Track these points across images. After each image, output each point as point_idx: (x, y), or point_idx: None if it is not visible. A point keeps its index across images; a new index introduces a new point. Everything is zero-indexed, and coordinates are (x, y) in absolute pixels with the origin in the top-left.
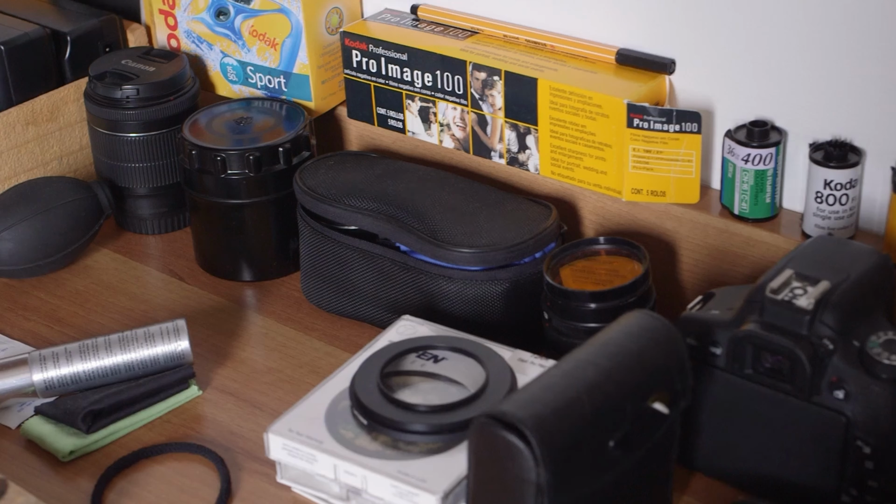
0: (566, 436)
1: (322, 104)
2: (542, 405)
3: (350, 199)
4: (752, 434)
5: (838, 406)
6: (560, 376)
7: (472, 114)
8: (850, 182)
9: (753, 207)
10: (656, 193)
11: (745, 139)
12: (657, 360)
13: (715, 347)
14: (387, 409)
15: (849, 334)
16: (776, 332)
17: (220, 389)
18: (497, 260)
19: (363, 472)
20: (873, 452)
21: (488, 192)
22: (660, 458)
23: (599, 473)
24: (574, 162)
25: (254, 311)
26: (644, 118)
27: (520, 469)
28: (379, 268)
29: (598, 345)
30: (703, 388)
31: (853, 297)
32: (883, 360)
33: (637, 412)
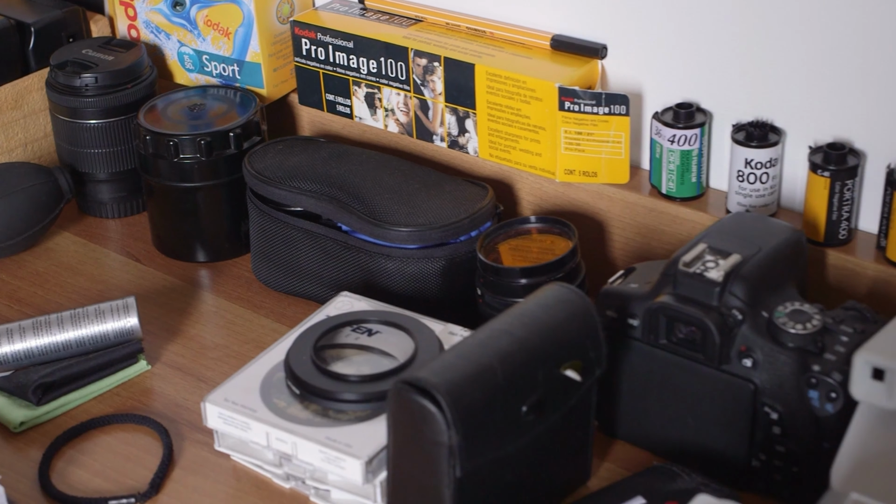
0: (477, 400)
1: (274, 91)
2: (454, 372)
3: (295, 182)
4: (668, 402)
5: (747, 374)
6: (475, 345)
7: (414, 99)
8: (769, 161)
9: (680, 187)
10: (588, 174)
11: (672, 121)
12: (570, 330)
13: (632, 319)
14: (317, 379)
15: (758, 305)
16: (688, 304)
17: (169, 364)
18: (433, 238)
19: (293, 439)
20: (780, 418)
21: (428, 174)
22: (577, 425)
23: (513, 437)
24: (510, 144)
25: (205, 290)
26: (575, 101)
27: (433, 432)
28: (322, 247)
29: (513, 315)
30: (622, 358)
31: (763, 269)
32: (788, 329)
33: (549, 379)
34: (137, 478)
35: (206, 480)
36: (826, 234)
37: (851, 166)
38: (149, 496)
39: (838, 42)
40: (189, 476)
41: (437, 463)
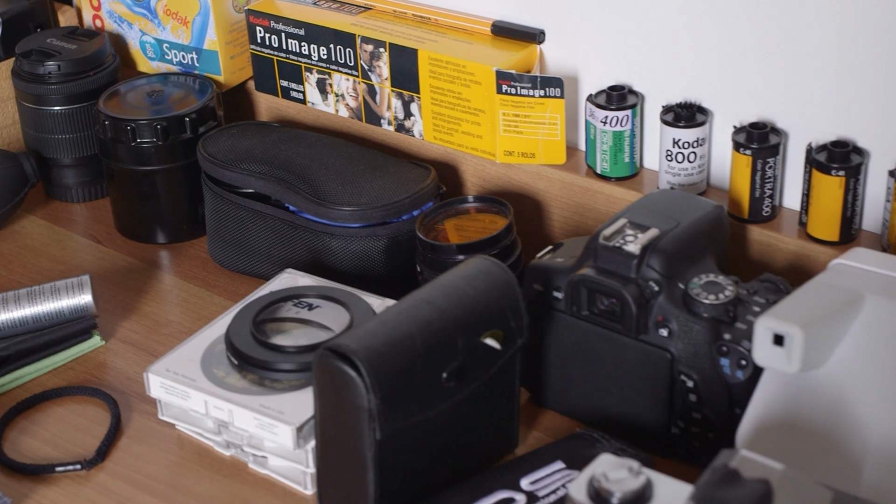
0: (396, 366)
1: (231, 78)
2: (374, 338)
3: (244, 164)
4: (593, 372)
5: (663, 343)
6: (396, 314)
7: (362, 84)
8: (696, 141)
9: (613, 167)
10: (526, 155)
11: (604, 103)
12: (491, 300)
13: (557, 292)
14: (254, 350)
15: (674, 277)
16: (607, 276)
17: (123, 340)
18: (374, 217)
19: (229, 407)
20: (695, 386)
21: (374, 156)
22: (501, 393)
23: (433, 403)
24: (453, 127)
25: (163, 270)
26: (511, 84)
27: (353, 396)
28: (271, 227)
29: (435, 286)
30: (548, 330)
31: (680, 243)
32: (702, 299)
33: (470, 347)
34: (86, 446)
35: (151, 448)
36: (750, 211)
37: (773, 145)
38: (95, 463)
39: (762, 23)
40: (135, 444)
41: (358, 426)
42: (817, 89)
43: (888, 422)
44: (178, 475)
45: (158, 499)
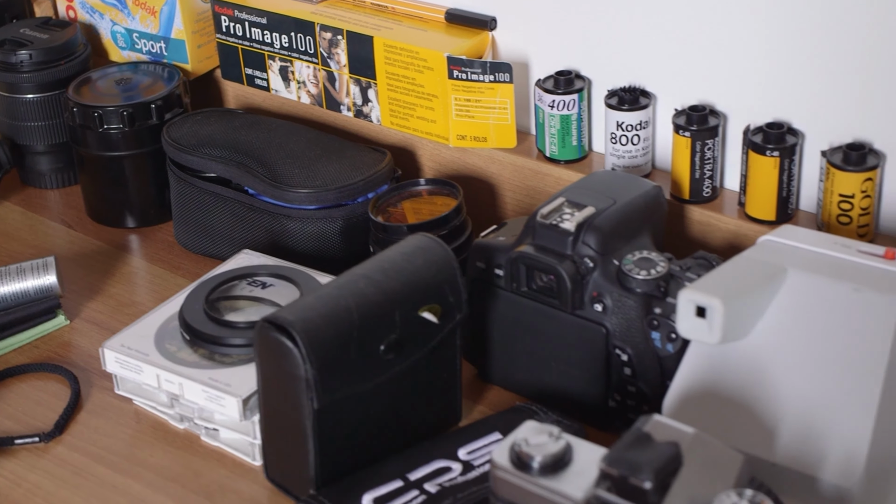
0: (332, 337)
1: (199, 66)
2: (311, 311)
3: (206, 149)
4: (534, 347)
5: (599, 318)
6: (334, 287)
7: (322, 71)
8: (640, 124)
9: (562, 150)
10: (478, 139)
11: (552, 87)
12: (429, 275)
13: (498, 269)
14: (205, 326)
15: (609, 254)
16: (544, 253)
17: (87, 320)
18: (329, 199)
19: (180, 380)
20: (629, 360)
21: (332, 141)
22: (442, 367)
23: (371, 374)
24: (409, 112)
25: (130, 254)
26: (462, 70)
27: (290, 366)
28: (232, 210)
29: (373, 262)
30: (491, 307)
31: (616, 221)
32: (634, 275)
33: (407, 321)
34: (46, 420)
35: (108, 422)
36: (691, 192)
37: (712, 127)
38: (53, 436)
39: (703, 8)
40: (93, 418)
41: (296, 396)
42: (755, 72)
43: (802, 390)
44: (133, 447)
45: (112, 470)
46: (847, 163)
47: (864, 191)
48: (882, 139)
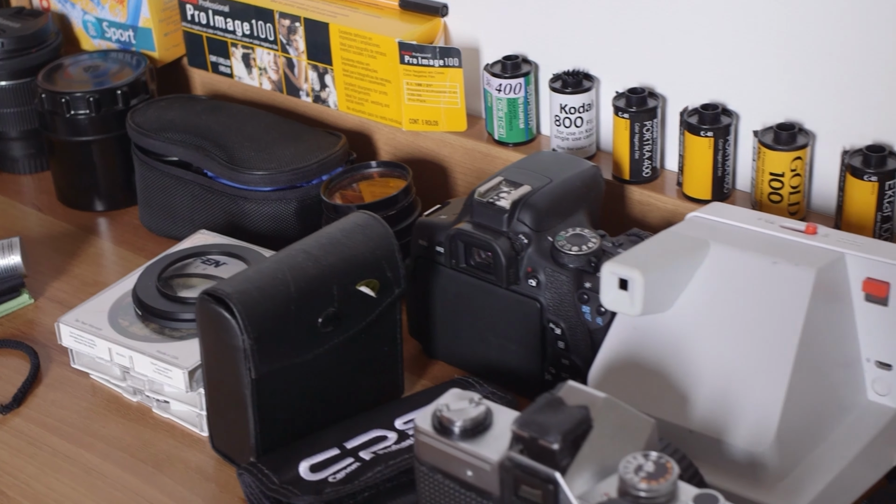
0: (269, 309)
1: (166, 54)
2: (248, 283)
3: (167, 133)
4: (474, 323)
5: (533, 293)
6: (273, 261)
7: (282, 58)
8: (583, 106)
9: (509, 132)
10: (430, 122)
11: (499, 72)
12: (367, 251)
13: (439, 247)
14: (156, 301)
15: (544, 231)
16: (481, 230)
17: (51, 298)
18: (283, 181)
19: (130, 353)
20: (563, 333)
21: (290, 125)
22: (383, 340)
23: (310, 346)
24: (363, 97)
25: (97, 236)
26: (413, 55)
27: (229, 337)
28: (192, 193)
29: (313, 237)
30: (434, 284)
31: (551, 199)
32: (566, 251)
33: (345, 294)
34: (5, 393)
35: (65, 396)
36: (631, 172)
37: (650, 108)
38: (11, 408)
39: None
40: (50, 392)
41: (236, 366)
42: (693, 55)
43: (719, 360)
44: (88, 419)
45: (66, 440)
46: (777, 142)
47: (793, 169)
48: (813, 119)
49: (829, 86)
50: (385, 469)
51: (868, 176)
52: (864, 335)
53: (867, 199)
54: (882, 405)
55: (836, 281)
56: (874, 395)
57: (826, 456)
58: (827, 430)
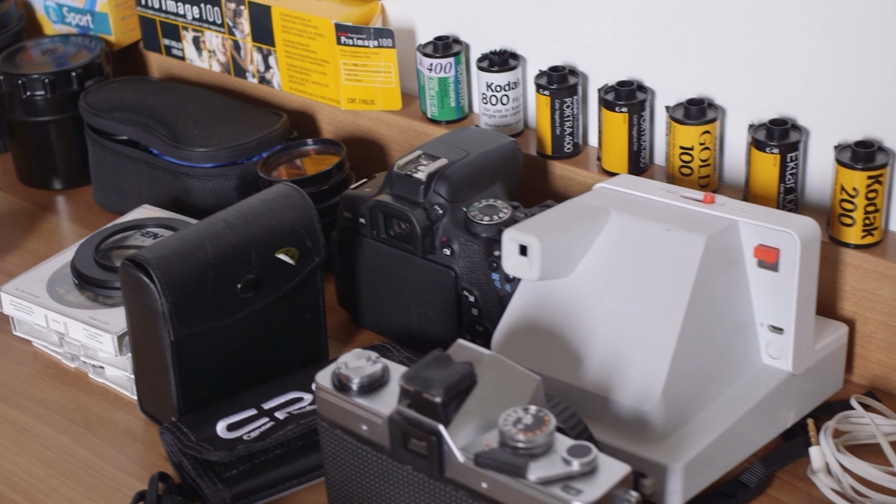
0: (187, 274)
1: (123, 38)
2: (167, 249)
3: (117, 113)
4: (396, 292)
5: (448, 262)
6: (193, 229)
7: (229, 40)
8: (508, 84)
9: (441, 111)
10: (367, 102)
11: (431, 52)
12: (286, 220)
13: (362, 218)
14: (91, 270)
15: (459, 202)
16: (399, 201)
17: (3, 272)
18: (224, 157)
19: (64, 320)
20: (476, 301)
21: (234, 105)
22: (305, 307)
23: (229, 311)
24: (305, 77)
25: (53, 214)
26: (349, 36)
27: (149, 300)
28: (139, 170)
29: (234, 207)
30: (358, 254)
31: (467, 171)
32: (478, 220)
33: (264, 261)
34: None
35: (7, 362)
36: (553, 148)
37: (570, 85)
38: None
39: None
40: None
41: (156, 328)
42: (612, 34)
43: (613, 322)
44: (27, 384)
45: (5, 403)
46: (687, 117)
47: (702, 143)
48: (722, 94)
49: (740, 61)
50: (296, 427)
51: (770, 148)
52: (758, 300)
53: (770, 171)
54: (775, 368)
55: (729, 248)
56: (768, 359)
57: (714, 415)
58: (717, 391)
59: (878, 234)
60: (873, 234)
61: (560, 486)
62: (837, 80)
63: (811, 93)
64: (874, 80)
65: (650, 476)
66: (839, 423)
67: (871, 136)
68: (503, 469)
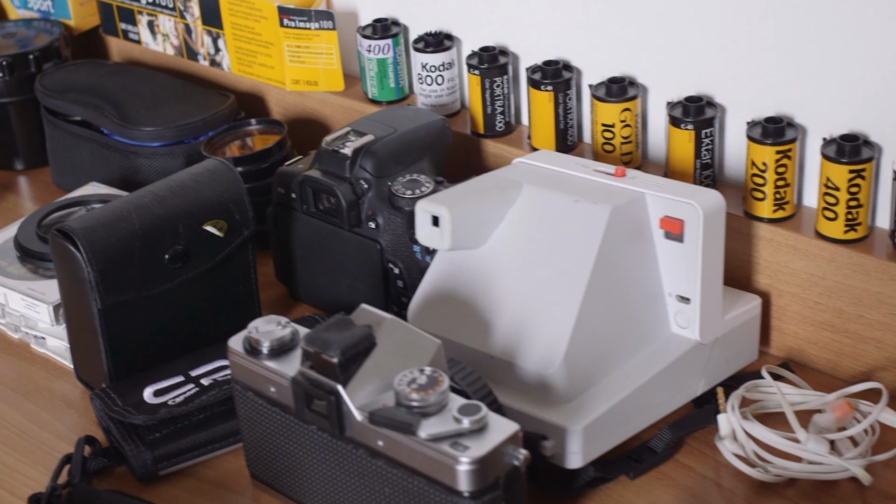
0: (113, 243)
1: (82, 23)
2: (94, 220)
3: (70, 94)
4: (328, 265)
5: (373, 235)
6: (121, 201)
7: (180, 24)
8: (443, 65)
9: (381, 91)
10: (311, 83)
11: (370, 34)
12: (214, 194)
13: (293, 193)
14: (32, 243)
15: (384, 177)
16: (326, 176)
17: None
18: (170, 136)
19: (4, 291)
20: (401, 273)
21: (184, 86)
22: (237, 279)
23: (157, 281)
24: (252, 59)
25: (14, 194)
26: (291, 18)
27: (76, 269)
28: (91, 150)
29: (163, 181)
30: (291, 229)
31: (393, 147)
32: (401, 194)
33: (192, 233)
34: None
35: None
36: (485, 127)
37: (501, 65)
38: None
39: None
40: None
41: (85, 297)
42: (539, 16)
43: (521, 291)
44: None
45: None
46: (609, 95)
47: (623, 120)
48: (645, 73)
49: (661, 41)
50: (219, 392)
51: (685, 125)
52: (665, 271)
53: (686, 147)
54: (683, 337)
55: (636, 219)
56: (677, 328)
57: (618, 381)
58: (623, 358)
59: (789, 208)
60: (785, 208)
61: (449, 442)
62: (753, 58)
63: (728, 71)
64: (788, 58)
65: (551, 438)
66: (748, 392)
67: (784, 113)
68: (395, 426)
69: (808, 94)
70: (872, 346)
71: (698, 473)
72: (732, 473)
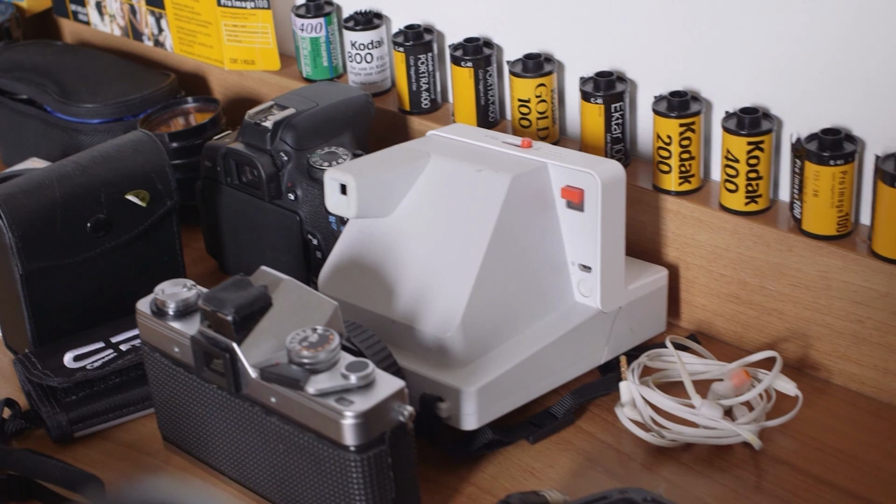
0: (34, 210)
1: (34, 4)
2: (15, 188)
3: (16, 73)
4: (252, 236)
5: (293, 206)
6: (44, 170)
7: (126, 4)
8: (371, 43)
9: (314, 70)
10: (248, 62)
11: (303, 13)
12: (137, 165)
13: (218, 166)
14: None
15: (304, 150)
16: (247, 148)
17: None
18: (109, 113)
19: None
20: (319, 244)
21: (126, 66)
22: (162, 249)
23: (79, 249)
24: (192, 39)
25: None
26: None
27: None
28: (35, 127)
29: (86, 151)
30: (217, 202)
31: (314, 121)
32: (319, 166)
33: (114, 202)
34: None
35: None
36: (411, 103)
37: (425, 42)
38: None
39: None
40: None
41: (7, 262)
42: None
43: (424, 258)
44: None
45: None
46: (525, 70)
47: (538, 96)
48: (561, 49)
49: (577, 17)
50: (134, 357)
51: (595, 99)
52: (568, 240)
53: (596, 122)
54: (585, 305)
55: (538, 188)
56: (580, 297)
57: (516, 346)
58: (524, 324)
59: (695, 181)
60: (690, 181)
61: (335, 397)
62: (663, 34)
63: (640, 48)
64: (696, 34)
65: (447, 400)
66: (651, 361)
67: (692, 88)
68: (283, 382)
69: (715, 70)
70: (775, 318)
71: (598, 439)
72: (631, 439)
